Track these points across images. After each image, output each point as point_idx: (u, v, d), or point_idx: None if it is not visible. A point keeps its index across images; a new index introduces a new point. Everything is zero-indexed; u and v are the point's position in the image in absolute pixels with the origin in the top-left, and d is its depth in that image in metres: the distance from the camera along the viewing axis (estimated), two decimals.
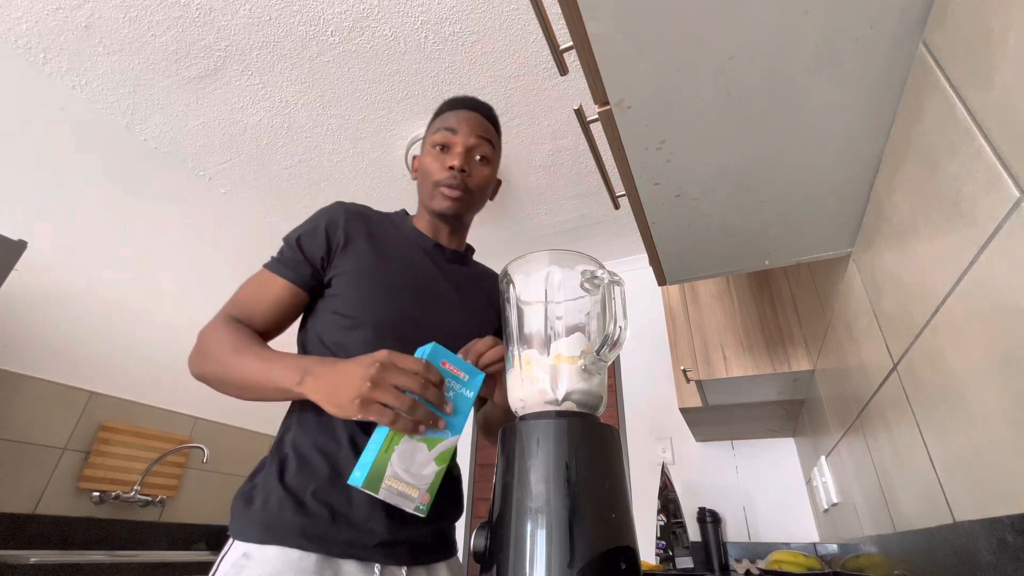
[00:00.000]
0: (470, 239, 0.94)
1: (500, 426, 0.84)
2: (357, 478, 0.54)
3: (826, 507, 1.44)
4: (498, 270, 0.61)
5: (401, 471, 0.56)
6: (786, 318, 1.40)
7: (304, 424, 0.69)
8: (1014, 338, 0.43)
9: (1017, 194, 0.41)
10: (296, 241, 0.76)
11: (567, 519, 0.43)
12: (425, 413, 0.57)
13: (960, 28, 0.46)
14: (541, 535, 0.43)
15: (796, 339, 1.36)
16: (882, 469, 0.85)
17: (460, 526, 2.45)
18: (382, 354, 0.57)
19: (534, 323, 0.56)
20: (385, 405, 0.55)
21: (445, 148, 0.81)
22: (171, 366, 1.96)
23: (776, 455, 1.99)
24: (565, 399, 0.51)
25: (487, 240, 2.52)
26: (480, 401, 0.87)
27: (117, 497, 1.67)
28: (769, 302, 1.46)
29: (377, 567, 0.64)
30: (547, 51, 1.56)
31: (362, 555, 0.63)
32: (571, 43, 0.56)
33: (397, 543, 0.65)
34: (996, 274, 0.45)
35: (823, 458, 1.38)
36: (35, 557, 1.12)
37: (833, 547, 1.47)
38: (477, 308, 0.83)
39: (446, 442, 0.60)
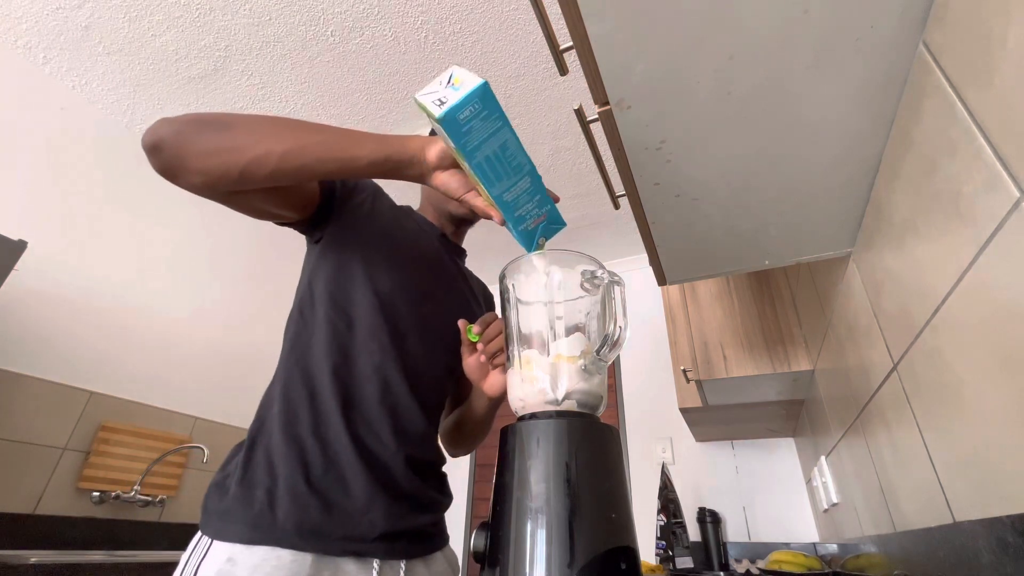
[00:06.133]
0: (470, 234, 0.98)
1: (470, 433, 0.84)
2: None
3: (826, 507, 1.44)
4: (498, 270, 0.61)
5: None
6: (786, 318, 1.40)
7: (292, 405, 0.63)
8: (1014, 338, 0.43)
9: (1017, 194, 0.41)
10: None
11: (567, 519, 0.43)
12: None
13: (960, 28, 0.46)
14: (541, 535, 0.43)
15: (796, 339, 1.36)
16: (882, 469, 0.85)
17: (459, 525, 2.45)
18: None
19: (534, 323, 0.56)
20: None
21: None
22: (171, 366, 1.96)
23: (776, 455, 1.99)
24: (565, 399, 0.51)
25: (487, 240, 2.51)
26: (453, 402, 0.87)
27: (117, 497, 1.67)
28: (769, 302, 1.46)
29: (376, 563, 0.59)
30: (547, 51, 1.55)
31: (360, 550, 0.58)
32: (571, 43, 0.56)
33: (398, 534, 0.61)
34: (996, 274, 0.45)
35: (823, 458, 1.38)
36: (35, 557, 1.12)
37: (833, 547, 1.47)
38: (471, 303, 0.87)
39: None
